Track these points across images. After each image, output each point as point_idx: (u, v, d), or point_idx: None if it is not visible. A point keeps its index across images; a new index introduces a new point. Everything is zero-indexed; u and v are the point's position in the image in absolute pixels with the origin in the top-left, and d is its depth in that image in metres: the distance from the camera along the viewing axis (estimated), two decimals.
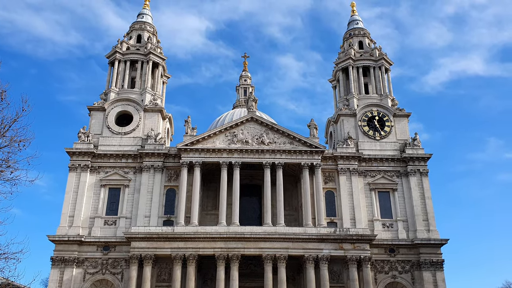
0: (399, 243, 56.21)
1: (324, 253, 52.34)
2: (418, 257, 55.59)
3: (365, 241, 53.59)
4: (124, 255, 52.98)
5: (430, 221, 57.66)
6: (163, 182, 57.71)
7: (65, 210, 55.73)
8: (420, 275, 54.75)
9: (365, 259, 52.77)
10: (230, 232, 52.38)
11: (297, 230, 53.68)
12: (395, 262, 55.82)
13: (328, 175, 59.77)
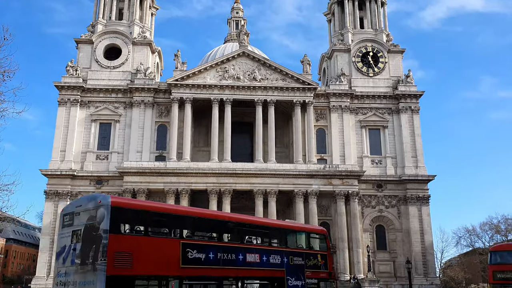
0: (387, 179, 57.61)
1: (313, 188, 53.65)
2: (405, 192, 57.23)
3: (354, 177, 54.85)
4: (117, 189, 53.85)
5: (419, 158, 58.76)
6: (154, 118, 57.50)
7: (56, 145, 55.76)
8: (406, 209, 56.68)
9: (353, 194, 54.30)
10: (222, 168, 53.14)
11: (288, 167, 54.57)
12: (382, 197, 57.52)
13: (319, 112, 59.80)
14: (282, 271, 16.70)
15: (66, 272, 13.31)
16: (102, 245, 12.18)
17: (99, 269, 11.97)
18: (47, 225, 53.52)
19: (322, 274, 18.54)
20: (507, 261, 23.56)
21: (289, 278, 16.72)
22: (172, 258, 13.28)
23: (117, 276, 11.70)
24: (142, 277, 12.42)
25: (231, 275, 14.66)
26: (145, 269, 12.60)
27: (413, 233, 55.89)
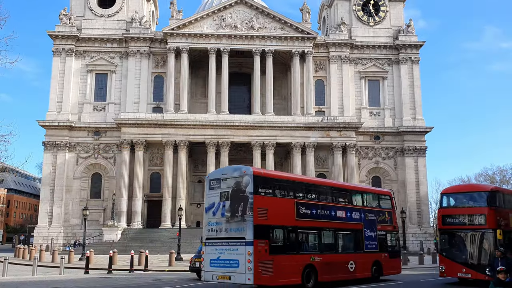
0: (384, 130, 57.70)
1: (311, 140, 53.80)
2: (402, 144, 57.50)
3: (351, 129, 54.89)
4: (115, 141, 53.95)
5: (417, 110, 58.59)
6: (150, 68, 56.69)
7: (53, 96, 55.29)
8: (403, 161, 57.17)
9: (350, 146, 54.54)
10: (220, 120, 53.00)
11: (286, 119, 54.45)
12: (379, 148, 57.84)
13: (319, 63, 58.95)
14: (360, 224, 21.58)
15: (217, 222, 17.98)
16: (249, 203, 17.22)
17: (248, 220, 17.05)
18: (47, 175, 54.03)
19: (389, 227, 23.51)
20: (458, 204, 21.64)
21: (365, 230, 21.78)
22: (289, 213, 18.30)
23: (259, 225, 16.92)
24: (273, 226, 17.54)
25: (327, 226, 19.94)
26: (274, 220, 17.54)
27: (408, 184, 56.69)
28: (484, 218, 19.50)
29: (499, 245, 18.26)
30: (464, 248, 19.93)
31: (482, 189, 21.75)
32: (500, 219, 19.55)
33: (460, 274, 19.83)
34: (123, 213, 51.19)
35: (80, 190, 53.96)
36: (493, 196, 20.13)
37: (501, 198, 20.61)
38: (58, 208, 52.58)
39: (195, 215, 56.49)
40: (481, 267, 18.97)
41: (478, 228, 19.57)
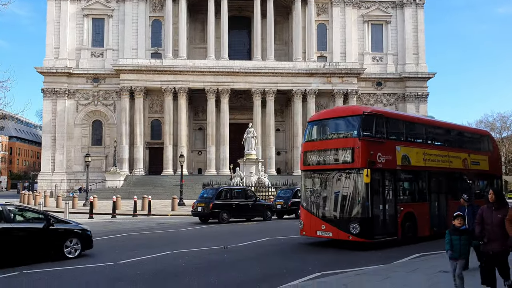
0: (387, 76, 56.98)
1: (312, 87, 53.22)
2: (404, 90, 56.96)
3: (354, 75, 54.14)
4: (115, 87, 53.42)
5: (420, 55, 57.57)
6: (147, 13, 55.14)
7: (49, 41, 54.13)
8: (404, 107, 56.81)
9: (351, 93, 54.03)
10: (219, 66, 52.16)
11: (287, 65, 53.57)
12: (381, 95, 57.38)
13: (321, 6, 57.21)
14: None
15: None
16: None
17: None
18: (47, 123, 53.98)
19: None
20: (323, 135, 15.53)
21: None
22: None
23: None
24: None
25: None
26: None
27: None
28: (351, 154, 13.71)
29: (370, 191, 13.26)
30: (326, 196, 14.33)
31: (352, 112, 15.14)
32: (378, 155, 13.80)
33: (319, 232, 14.09)
34: (125, 160, 51.59)
35: (82, 137, 54.08)
36: (367, 122, 14.10)
37: (381, 125, 14.55)
38: (60, 155, 52.92)
39: (196, 162, 56.97)
40: (344, 222, 13.55)
41: (344, 168, 13.82)
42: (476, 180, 19.25)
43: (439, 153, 16.75)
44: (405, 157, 14.94)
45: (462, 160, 17.85)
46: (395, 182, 14.66)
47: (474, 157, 18.58)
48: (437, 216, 16.17)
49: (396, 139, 15.21)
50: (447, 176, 17.03)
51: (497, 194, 7.39)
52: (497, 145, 21.53)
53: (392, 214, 14.17)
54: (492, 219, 7.20)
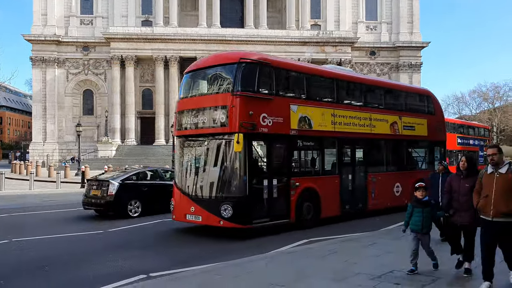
0: (380, 45, 56.45)
1: (306, 56, 52.61)
2: (397, 59, 56.58)
3: (347, 44, 53.58)
4: (105, 56, 52.55)
5: (414, 24, 56.92)
6: None
7: (36, 8, 52.79)
8: (397, 77, 56.54)
9: (345, 62, 53.53)
10: (211, 34, 51.31)
11: (280, 33, 52.81)
12: (375, 64, 56.99)
13: None
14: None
15: None
16: None
17: None
18: (37, 92, 53.27)
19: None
20: (196, 90, 12.07)
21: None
22: None
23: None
24: None
25: None
26: None
27: None
28: (225, 115, 10.62)
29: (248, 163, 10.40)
30: (198, 170, 11.27)
31: (228, 59, 11.53)
32: (263, 117, 10.76)
33: (188, 216, 11.03)
34: (117, 130, 51.26)
35: (73, 106, 53.49)
36: (246, 73, 10.87)
37: (268, 77, 11.32)
38: (51, 125, 52.47)
39: None
40: (214, 203, 10.56)
41: (217, 133, 10.80)
42: (411, 148, 16.79)
43: (357, 116, 13.78)
44: (304, 119, 12.01)
45: (390, 124, 15.01)
46: (289, 151, 11.72)
47: (407, 120, 15.80)
48: (352, 192, 13.53)
49: (293, 97, 12.15)
50: (368, 144, 14.39)
51: (469, 161, 6.81)
52: (441, 106, 18.51)
53: (282, 191, 11.14)
54: (460, 188, 6.64)
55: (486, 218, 5.86)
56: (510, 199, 5.67)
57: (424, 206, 6.79)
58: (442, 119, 18.33)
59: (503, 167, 5.84)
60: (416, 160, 17.28)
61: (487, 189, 5.85)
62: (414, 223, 6.76)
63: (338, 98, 13.57)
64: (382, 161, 15.33)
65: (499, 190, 5.73)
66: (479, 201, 5.95)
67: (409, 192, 14.77)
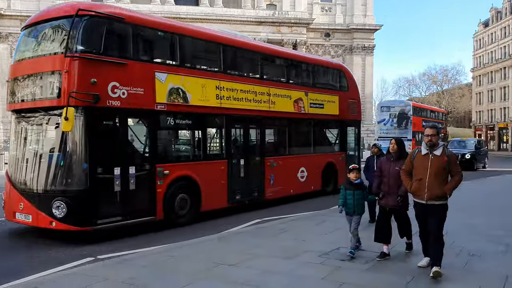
0: (335, 27, 56.99)
1: (261, 36, 52.27)
2: (351, 42, 57.38)
3: (303, 25, 53.75)
4: None
5: (368, 6, 57.76)
6: None
7: None
8: (351, 59, 57.46)
9: (300, 43, 53.80)
10: (165, 11, 49.86)
11: (235, 12, 52.15)
12: (329, 46, 57.57)
13: None
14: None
15: (387, 129, 31.01)
16: (409, 120, 30.85)
17: (409, 128, 30.53)
18: None
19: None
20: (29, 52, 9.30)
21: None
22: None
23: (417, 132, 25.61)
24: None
25: None
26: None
27: None
28: (57, 83, 8.34)
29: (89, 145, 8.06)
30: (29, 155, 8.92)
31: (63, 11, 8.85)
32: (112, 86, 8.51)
33: (18, 215, 8.59)
34: None
35: None
36: (87, 29, 8.55)
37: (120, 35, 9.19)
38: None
39: None
40: (45, 199, 8.17)
41: (51, 106, 8.47)
42: (320, 129, 15.12)
43: (251, 90, 11.64)
44: (177, 91, 9.79)
45: (294, 101, 13.15)
46: (155, 130, 9.39)
47: (315, 97, 14.05)
48: (244, 180, 11.49)
49: (160, 62, 9.85)
50: (266, 124, 12.37)
51: (398, 144, 6.58)
52: (355, 82, 16.92)
53: (144, 181, 8.86)
54: (390, 171, 6.43)
55: (420, 201, 5.71)
56: (444, 181, 5.58)
57: (356, 189, 6.57)
58: (357, 97, 16.65)
59: (437, 149, 5.65)
60: (327, 142, 15.66)
61: (421, 172, 5.66)
62: (346, 205, 6.60)
63: (225, 67, 11.17)
64: (284, 143, 13.47)
65: (433, 172, 5.55)
66: (412, 185, 5.76)
67: (318, 177, 14.19)
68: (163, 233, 9.02)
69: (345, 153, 15.56)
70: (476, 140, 30.90)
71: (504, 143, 73.29)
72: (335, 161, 14.98)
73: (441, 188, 5.50)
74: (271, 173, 12.27)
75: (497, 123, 74.13)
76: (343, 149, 15.59)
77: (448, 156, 5.61)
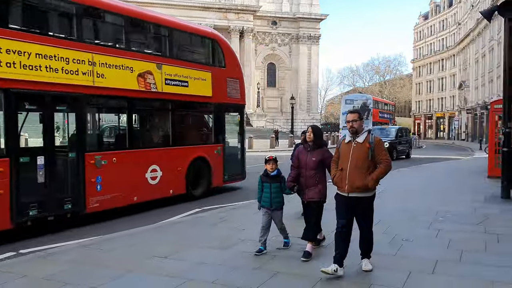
0: (282, 16, 57.20)
1: (207, 22, 51.53)
2: (298, 30, 57.83)
3: (250, 12, 53.52)
4: None
5: None
6: None
7: None
8: (297, 48, 58.00)
9: (247, 31, 53.59)
10: None
11: None
12: (276, 34, 57.75)
13: None
14: None
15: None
16: (370, 112, 35.29)
17: (370, 119, 34.26)
18: None
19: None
20: None
21: None
22: None
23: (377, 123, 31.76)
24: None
25: None
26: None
27: (301, 72, 58.36)
28: None
29: None
30: None
31: None
32: None
33: None
34: None
35: None
36: None
37: None
38: None
39: None
40: None
41: None
42: (184, 113, 11.68)
43: (57, 55, 7.90)
44: None
45: (138, 75, 9.59)
46: None
47: (174, 72, 10.52)
48: (47, 186, 7.66)
49: None
50: (87, 105, 8.76)
51: (315, 132, 5.91)
52: (237, 58, 13.60)
53: None
54: (307, 161, 5.83)
55: (342, 193, 5.14)
56: (367, 171, 4.99)
57: (273, 181, 6.04)
58: (239, 76, 13.13)
59: (361, 135, 5.10)
60: (195, 131, 12.35)
61: (343, 161, 5.14)
62: (263, 198, 6.10)
63: (3, 18, 7.34)
64: (121, 132, 10.02)
65: (354, 162, 5.01)
66: (335, 175, 5.23)
67: (180, 178, 10.76)
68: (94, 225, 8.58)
69: (222, 145, 12.21)
70: (397, 128, 27.99)
71: (441, 132, 77.10)
72: (207, 156, 11.64)
73: (363, 178, 4.95)
74: (97, 174, 8.65)
75: (435, 113, 77.73)
76: (219, 140, 12.20)
77: (370, 143, 5.02)
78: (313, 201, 5.84)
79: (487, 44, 49.14)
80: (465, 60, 64.18)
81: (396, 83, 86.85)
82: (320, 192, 5.81)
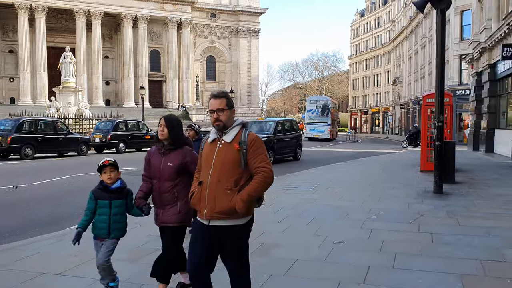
0: (221, 8, 56.35)
1: (143, 12, 49.80)
2: (237, 24, 57.20)
3: (187, 3, 52.22)
4: None
5: None
6: None
7: None
8: (237, 41, 57.37)
9: (185, 22, 52.27)
10: None
11: None
12: (215, 27, 56.81)
13: None
14: None
15: (314, 117, 43.08)
16: (329, 111, 43.81)
17: (329, 116, 43.24)
18: None
19: None
20: None
21: None
22: None
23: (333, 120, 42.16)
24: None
25: None
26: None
27: (241, 66, 57.85)
28: None
29: None
30: None
31: None
32: None
33: None
34: None
35: None
36: None
37: None
38: None
39: (8, 90, 49.68)
40: None
41: None
42: None
43: None
44: None
45: None
46: None
47: None
48: None
49: None
50: None
51: (170, 124, 3.96)
52: None
53: None
54: (161, 168, 3.96)
55: (201, 221, 3.27)
56: (235, 187, 3.15)
57: (116, 197, 3.95)
58: None
59: (230, 131, 3.25)
60: None
61: (204, 171, 3.30)
62: (97, 224, 3.95)
63: None
64: None
65: (216, 172, 3.19)
66: (193, 193, 3.34)
67: None
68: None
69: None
70: (277, 121, 19.99)
71: (376, 126, 79.61)
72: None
73: (230, 199, 3.12)
74: None
75: (370, 108, 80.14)
76: None
77: (241, 142, 3.17)
78: (168, 226, 3.99)
79: (419, 41, 51.00)
80: (399, 56, 66.45)
81: (334, 79, 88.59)
82: (180, 213, 3.95)
